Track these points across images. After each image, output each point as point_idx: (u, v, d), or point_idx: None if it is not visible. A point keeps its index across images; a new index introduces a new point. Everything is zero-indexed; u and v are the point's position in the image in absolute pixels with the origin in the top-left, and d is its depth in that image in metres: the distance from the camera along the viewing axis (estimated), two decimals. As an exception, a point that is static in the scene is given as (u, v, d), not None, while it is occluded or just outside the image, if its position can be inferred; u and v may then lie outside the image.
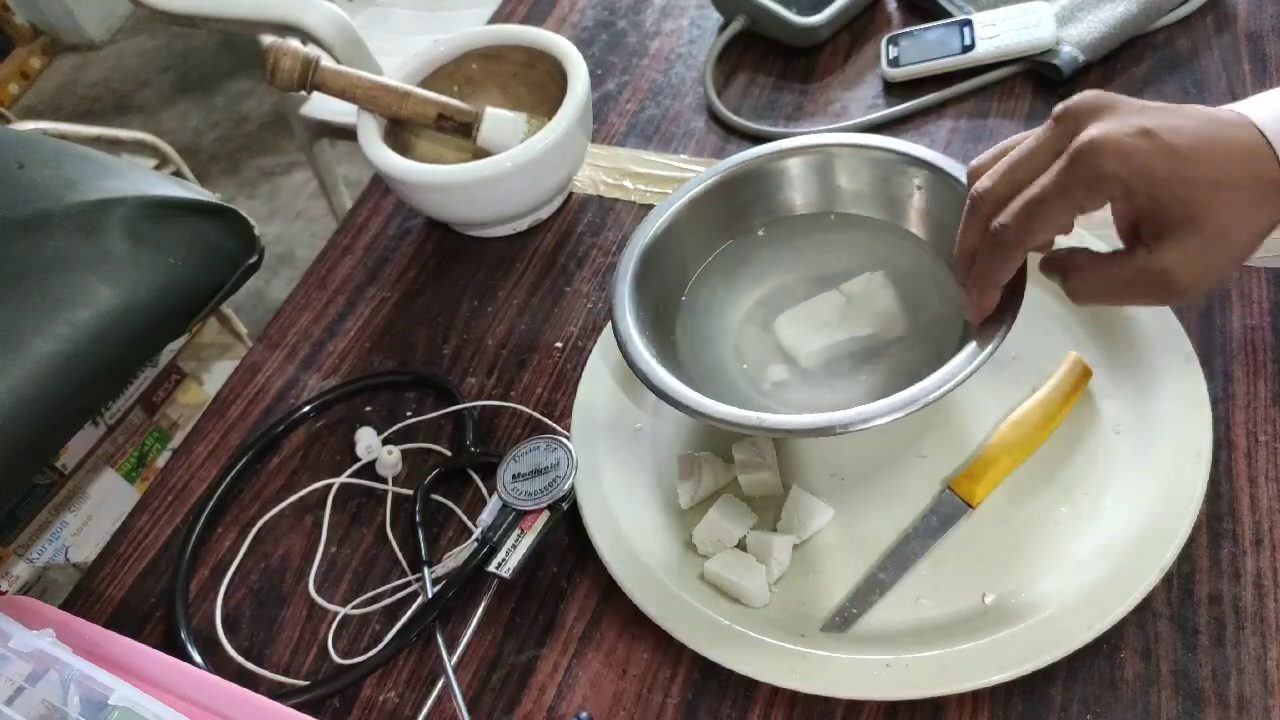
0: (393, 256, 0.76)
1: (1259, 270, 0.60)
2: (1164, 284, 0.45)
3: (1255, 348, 0.57)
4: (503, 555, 0.54)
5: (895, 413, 0.47)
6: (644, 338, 0.55)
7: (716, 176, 0.62)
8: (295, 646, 0.57)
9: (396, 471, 0.63)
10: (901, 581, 0.52)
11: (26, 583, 0.92)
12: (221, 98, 2.38)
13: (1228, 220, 0.43)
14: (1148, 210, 0.44)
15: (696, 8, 0.89)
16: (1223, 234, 0.43)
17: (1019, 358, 0.58)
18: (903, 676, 0.47)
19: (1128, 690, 0.47)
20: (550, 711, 0.52)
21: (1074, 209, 0.44)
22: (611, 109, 0.82)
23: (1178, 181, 0.43)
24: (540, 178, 0.69)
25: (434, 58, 0.76)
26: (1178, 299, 0.46)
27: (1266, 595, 0.49)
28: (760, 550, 0.53)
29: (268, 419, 0.68)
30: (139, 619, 0.60)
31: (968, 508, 0.53)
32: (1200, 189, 0.43)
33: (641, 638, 0.53)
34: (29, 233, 0.72)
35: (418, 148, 0.76)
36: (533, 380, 0.66)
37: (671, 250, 0.60)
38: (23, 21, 2.56)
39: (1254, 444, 0.54)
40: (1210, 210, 0.43)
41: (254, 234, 0.84)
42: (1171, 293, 0.45)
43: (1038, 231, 0.45)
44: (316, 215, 2.04)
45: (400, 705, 0.53)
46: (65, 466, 1.01)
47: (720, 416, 0.50)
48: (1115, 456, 0.54)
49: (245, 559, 0.61)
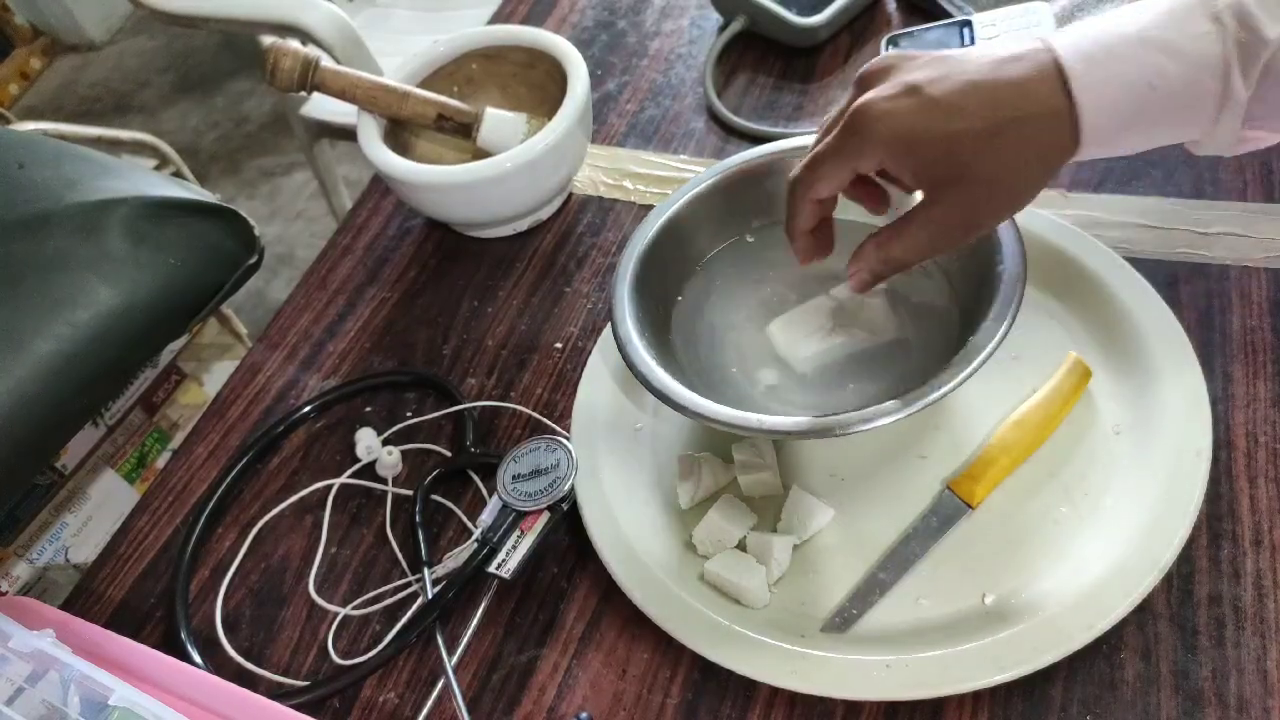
0: (393, 256, 0.76)
1: (1259, 270, 0.60)
2: (944, 233, 0.46)
3: (1255, 348, 0.57)
4: (503, 556, 0.54)
5: (895, 414, 0.47)
6: (644, 339, 0.55)
7: (716, 177, 0.61)
8: (295, 647, 0.57)
9: (396, 472, 0.63)
10: (901, 582, 0.52)
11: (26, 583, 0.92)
12: (221, 98, 2.38)
13: (996, 167, 0.44)
14: (917, 167, 0.45)
15: (696, 8, 0.89)
16: (992, 181, 0.45)
17: (1019, 358, 0.58)
18: (903, 676, 0.47)
19: (1128, 690, 0.47)
20: (550, 712, 0.52)
21: (847, 168, 0.47)
22: (611, 109, 0.82)
23: (939, 137, 0.44)
24: (540, 178, 0.69)
25: (434, 58, 0.76)
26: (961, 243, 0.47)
27: (1266, 595, 0.49)
28: (760, 551, 0.53)
29: (268, 419, 0.68)
30: (139, 619, 0.60)
31: (968, 508, 0.53)
32: (963, 141, 0.44)
33: (641, 638, 0.53)
34: (29, 233, 0.72)
35: (418, 148, 0.76)
36: (533, 380, 0.66)
37: (671, 251, 0.60)
38: (23, 22, 2.56)
39: (1254, 444, 0.54)
40: (976, 161, 0.44)
41: (254, 234, 0.84)
42: (953, 239, 0.47)
43: (818, 185, 0.48)
44: (316, 215, 2.04)
45: (400, 706, 0.53)
46: (65, 467, 1.01)
47: (720, 417, 0.50)
48: (1115, 456, 0.54)
49: (245, 559, 0.61)
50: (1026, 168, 0.45)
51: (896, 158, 0.46)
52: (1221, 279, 0.60)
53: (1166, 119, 0.44)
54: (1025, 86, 0.44)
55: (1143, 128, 0.45)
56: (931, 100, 0.44)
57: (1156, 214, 0.64)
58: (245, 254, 0.83)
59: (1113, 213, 0.65)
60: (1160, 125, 0.45)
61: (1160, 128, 0.45)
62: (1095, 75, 0.43)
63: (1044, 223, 0.61)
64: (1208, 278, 0.61)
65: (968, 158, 0.44)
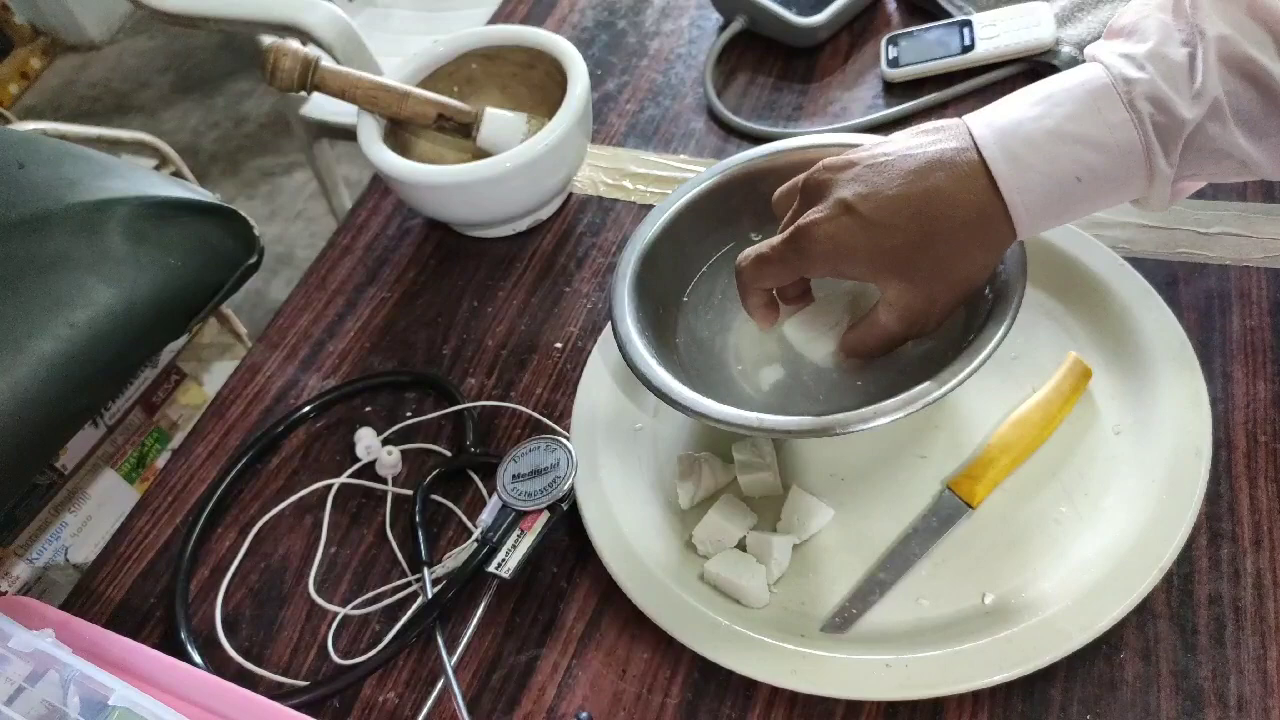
0: (393, 256, 0.76)
1: (1259, 270, 0.60)
2: (907, 317, 0.50)
3: (1255, 348, 0.57)
4: (503, 555, 0.54)
5: (895, 413, 0.47)
6: (644, 338, 0.55)
7: (716, 177, 0.61)
8: (295, 647, 0.57)
9: (396, 472, 0.63)
10: (901, 581, 0.52)
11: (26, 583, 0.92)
12: (221, 98, 2.38)
13: (935, 265, 0.48)
14: (861, 275, 0.50)
15: (696, 8, 0.89)
16: (934, 276, 0.48)
17: (1019, 358, 0.58)
18: (903, 676, 0.47)
19: (1128, 690, 0.47)
20: (550, 712, 0.52)
21: (793, 276, 0.52)
22: (611, 109, 0.82)
23: (875, 252, 0.48)
24: (540, 178, 0.69)
25: (434, 58, 0.76)
26: (917, 333, 0.51)
27: (1266, 595, 0.49)
28: (760, 550, 0.53)
29: (268, 419, 0.68)
30: (139, 619, 0.60)
31: (968, 508, 0.53)
32: (899, 253, 0.48)
33: (641, 638, 0.53)
34: (29, 233, 0.72)
35: (418, 148, 0.76)
36: (533, 380, 0.66)
37: (671, 250, 0.60)
38: (23, 21, 2.56)
39: (1254, 444, 0.54)
40: (914, 265, 0.48)
41: (254, 234, 0.84)
42: (917, 322, 0.50)
43: (765, 282, 0.53)
44: (316, 215, 2.04)
45: (400, 705, 0.53)
46: (65, 466, 1.01)
47: (720, 417, 0.50)
48: (1115, 456, 0.54)
49: (245, 559, 0.61)
50: (967, 257, 0.48)
51: (839, 270, 0.50)
52: (1221, 279, 0.60)
53: (1099, 201, 0.47)
54: (954, 196, 0.47)
55: (1077, 211, 0.48)
56: (863, 219, 0.48)
57: (1157, 214, 0.64)
58: (245, 254, 0.83)
59: (1112, 213, 0.65)
60: (1094, 205, 0.47)
61: (1094, 206, 0.48)
62: (1022, 176, 0.46)
63: (1044, 223, 0.61)
64: (1208, 278, 0.61)
65: (905, 264, 0.48)
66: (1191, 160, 0.46)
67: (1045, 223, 0.48)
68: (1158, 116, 0.45)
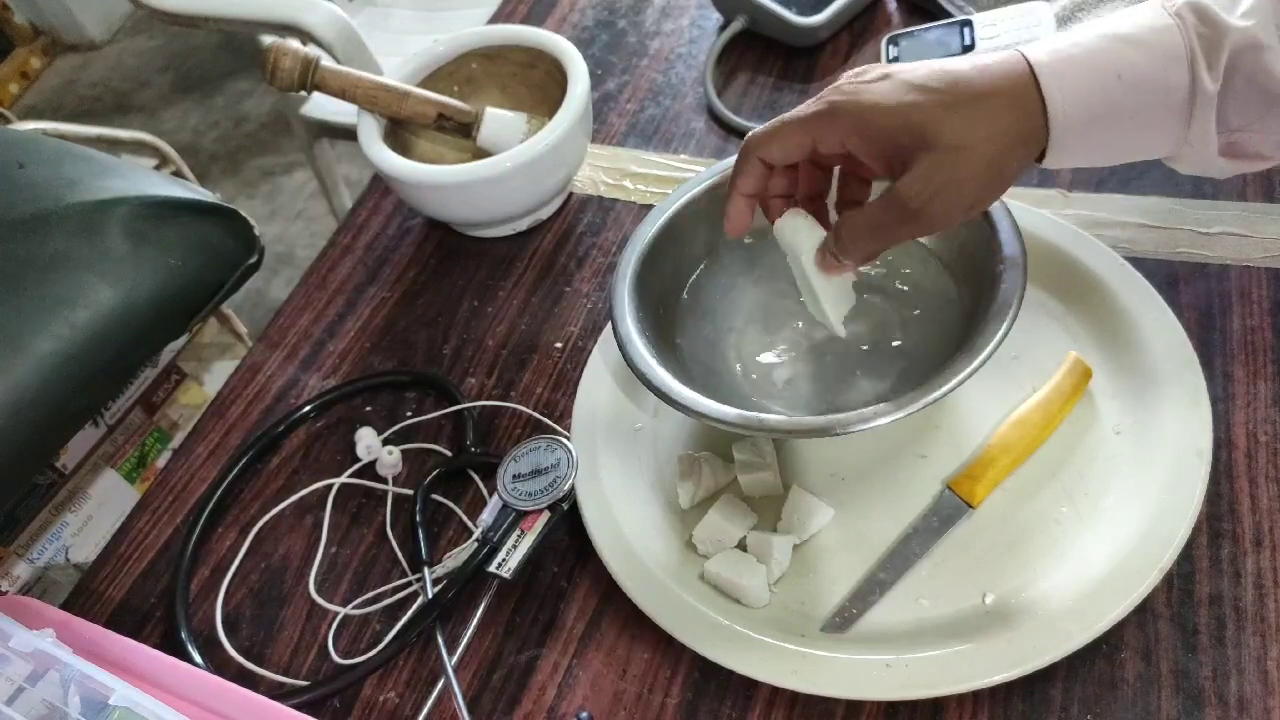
0: (393, 256, 0.76)
1: (1259, 270, 0.60)
2: (909, 209, 0.45)
3: (1255, 348, 0.57)
4: (503, 555, 0.54)
5: (895, 413, 0.47)
6: (644, 338, 0.55)
7: (716, 177, 0.61)
8: (295, 646, 0.57)
9: (396, 472, 0.63)
10: (901, 581, 0.52)
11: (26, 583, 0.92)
12: (221, 98, 2.37)
13: (962, 134, 0.44)
14: (880, 137, 0.46)
15: (696, 8, 0.89)
16: (958, 148, 0.44)
17: (1019, 358, 0.58)
18: (903, 676, 0.47)
19: (1128, 690, 0.47)
20: (550, 711, 0.52)
21: (807, 136, 0.47)
22: (611, 109, 0.82)
23: (900, 107, 0.45)
24: (540, 178, 0.69)
25: (434, 58, 0.76)
26: (930, 223, 0.46)
27: (1266, 595, 0.49)
28: (760, 550, 0.53)
29: (268, 419, 0.68)
30: (139, 619, 0.60)
31: (968, 508, 0.53)
32: (924, 109, 0.44)
33: (641, 638, 0.53)
34: (29, 233, 0.72)
35: (418, 148, 0.76)
36: (533, 380, 0.66)
37: (671, 250, 0.60)
38: (23, 21, 2.56)
39: (1254, 444, 0.54)
40: (939, 128, 0.44)
41: (254, 234, 0.84)
42: (922, 218, 0.46)
43: (773, 146, 0.48)
44: (316, 215, 2.04)
45: (400, 705, 0.53)
46: (65, 466, 1.01)
47: (720, 417, 0.50)
48: (1115, 456, 0.54)
49: (245, 559, 0.61)
50: (994, 140, 0.45)
51: (859, 130, 0.46)
52: (1222, 279, 0.60)
53: (1137, 115, 0.44)
54: (991, 70, 0.45)
55: (1113, 123, 0.45)
56: (899, 80, 0.45)
57: (1157, 214, 0.64)
58: (245, 254, 0.83)
59: (1113, 212, 0.65)
60: (1131, 121, 0.45)
61: (1131, 125, 0.45)
62: (1061, 65, 0.44)
63: (1044, 223, 0.61)
64: (1208, 278, 0.61)
65: (930, 125, 0.44)
66: (1241, 90, 0.44)
67: (1079, 129, 0.44)
68: (1200, 27, 0.43)
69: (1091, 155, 0.46)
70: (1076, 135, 0.45)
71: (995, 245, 0.52)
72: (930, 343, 0.55)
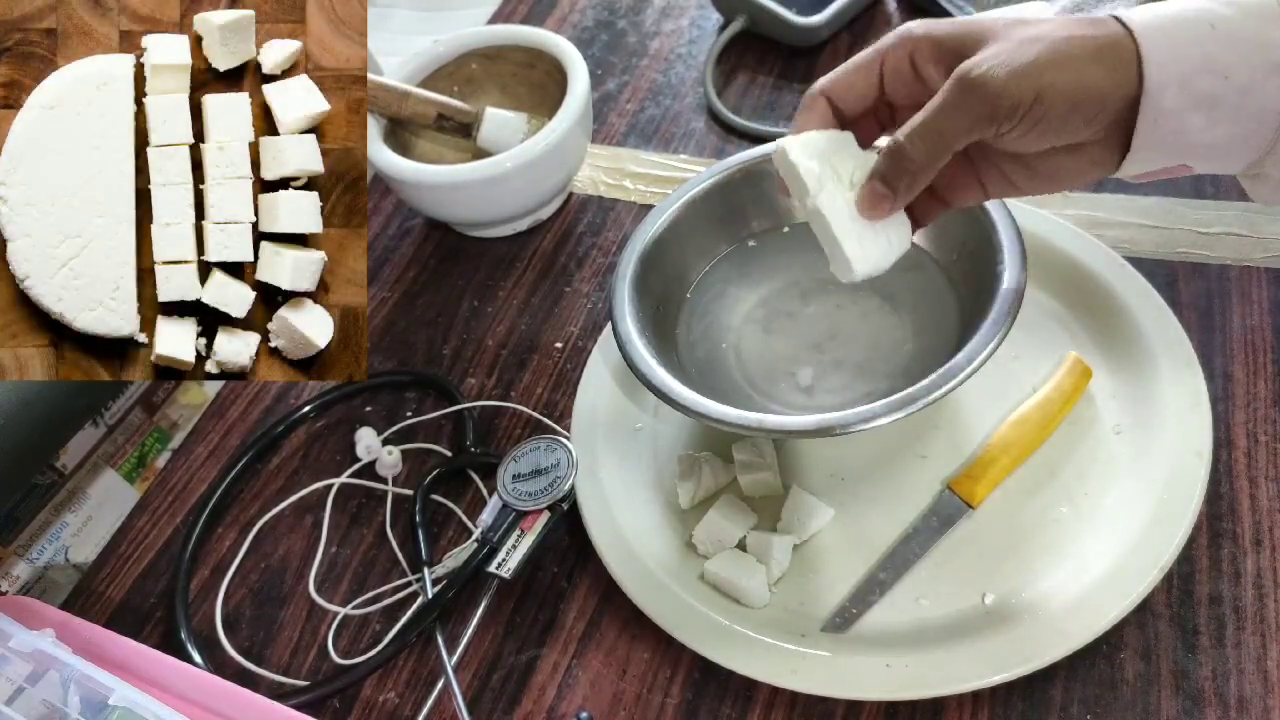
0: (393, 256, 0.76)
1: (1260, 270, 0.60)
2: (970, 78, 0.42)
3: (1255, 348, 0.57)
4: (503, 555, 0.54)
5: (895, 413, 0.47)
6: (644, 338, 0.55)
7: (716, 177, 0.61)
8: (295, 647, 0.57)
9: (396, 472, 0.63)
10: (901, 581, 0.52)
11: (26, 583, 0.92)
12: (221, 98, 2.38)
13: (1033, 30, 0.42)
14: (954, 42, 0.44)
15: (696, 8, 0.89)
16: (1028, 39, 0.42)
17: (1019, 358, 0.58)
18: (903, 676, 0.47)
19: (1128, 690, 0.47)
20: (550, 711, 0.52)
21: (878, 55, 0.46)
22: (611, 109, 0.82)
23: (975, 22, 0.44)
24: (540, 178, 0.69)
25: (434, 58, 0.76)
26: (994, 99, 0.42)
27: (1266, 595, 0.49)
28: (760, 550, 0.53)
29: (268, 419, 0.68)
30: (139, 619, 0.60)
31: (968, 508, 0.53)
32: (1001, 20, 0.43)
33: (641, 638, 0.53)
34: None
35: (418, 148, 0.76)
36: (533, 380, 0.66)
37: (672, 250, 0.60)
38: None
39: (1254, 444, 0.54)
40: (1012, 28, 0.43)
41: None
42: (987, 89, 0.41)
43: (838, 81, 0.47)
44: (316, 215, 2.04)
45: (400, 705, 0.53)
46: (65, 466, 1.01)
47: (720, 417, 0.50)
48: (1115, 456, 0.54)
49: (245, 559, 0.61)
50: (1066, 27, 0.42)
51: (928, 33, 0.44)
52: (1222, 279, 0.60)
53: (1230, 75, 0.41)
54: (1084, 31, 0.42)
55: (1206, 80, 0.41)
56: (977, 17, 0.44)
57: (1157, 214, 0.64)
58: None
59: (1113, 213, 0.65)
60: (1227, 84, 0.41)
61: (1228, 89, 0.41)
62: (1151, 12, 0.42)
63: (1044, 223, 0.61)
64: (1208, 278, 0.61)
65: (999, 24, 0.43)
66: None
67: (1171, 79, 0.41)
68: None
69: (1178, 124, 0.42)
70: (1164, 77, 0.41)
71: (995, 245, 0.52)
72: (930, 343, 0.55)
